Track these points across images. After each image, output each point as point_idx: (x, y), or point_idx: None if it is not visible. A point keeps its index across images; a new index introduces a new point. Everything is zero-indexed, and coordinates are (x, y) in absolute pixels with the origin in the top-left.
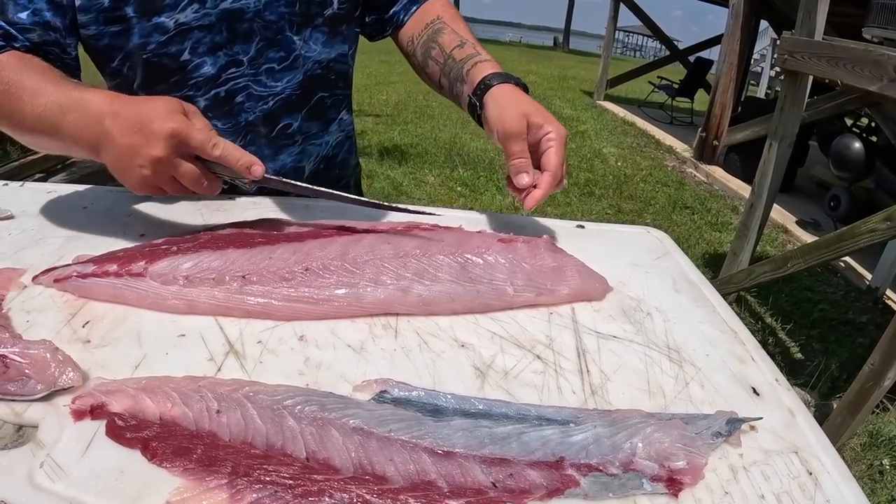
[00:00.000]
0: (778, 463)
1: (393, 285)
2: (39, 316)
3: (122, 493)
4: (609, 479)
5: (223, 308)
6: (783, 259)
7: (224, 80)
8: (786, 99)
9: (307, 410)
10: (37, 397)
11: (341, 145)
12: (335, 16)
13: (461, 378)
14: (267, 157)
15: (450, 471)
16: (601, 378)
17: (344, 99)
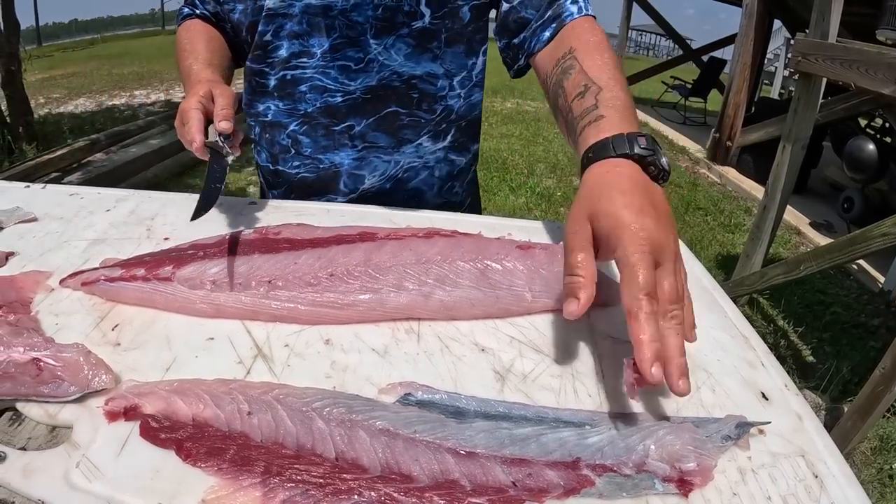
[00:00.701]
0: (785, 466)
1: (415, 291)
2: (68, 319)
3: (159, 492)
4: (623, 480)
5: (250, 312)
6: (796, 262)
7: (293, 65)
8: (799, 101)
9: (335, 412)
10: (70, 399)
11: (416, 172)
12: (425, 30)
13: (482, 381)
14: (326, 148)
15: (472, 470)
16: (616, 382)
17: (427, 124)
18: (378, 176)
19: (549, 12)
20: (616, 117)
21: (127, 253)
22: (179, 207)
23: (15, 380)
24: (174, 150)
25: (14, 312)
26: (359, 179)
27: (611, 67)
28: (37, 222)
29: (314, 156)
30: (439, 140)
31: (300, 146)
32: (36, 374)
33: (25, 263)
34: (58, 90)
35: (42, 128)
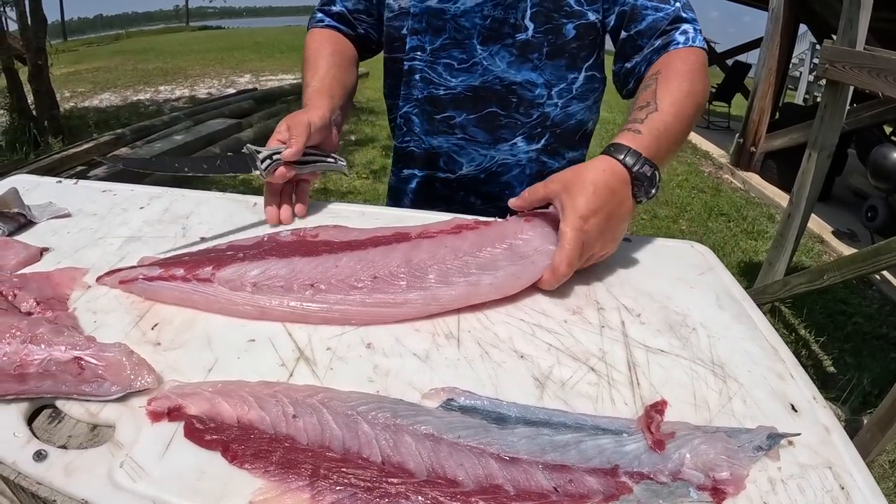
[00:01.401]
0: (813, 477)
1: (463, 282)
2: (106, 317)
3: (205, 494)
4: (659, 487)
5: (297, 315)
6: (819, 271)
7: (411, 57)
8: (826, 108)
9: (380, 416)
10: (112, 399)
11: (509, 168)
12: (527, 42)
13: (522, 388)
14: (428, 132)
15: (515, 476)
16: (651, 391)
17: (523, 126)
18: (474, 166)
19: (658, 41)
20: (646, 137)
21: (163, 251)
22: (214, 207)
23: (56, 378)
24: (199, 145)
25: (52, 309)
26: (457, 164)
27: (678, 95)
28: (70, 218)
29: (420, 135)
30: (533, 142)
31: (412, 125)
32: (77, 373)
33: (60, 259)
34: (83, 84)
35: (68, 121)
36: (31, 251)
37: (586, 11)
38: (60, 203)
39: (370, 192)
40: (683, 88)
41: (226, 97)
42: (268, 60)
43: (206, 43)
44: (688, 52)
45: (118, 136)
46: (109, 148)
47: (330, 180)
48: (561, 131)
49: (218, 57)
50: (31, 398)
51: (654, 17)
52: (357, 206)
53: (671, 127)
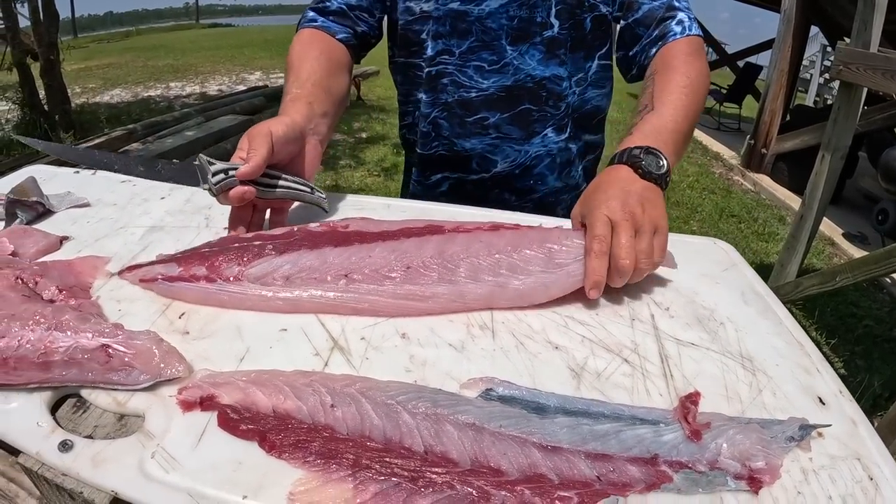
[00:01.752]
0: (843, 468)
1: (492, 281)
2: (131, 305)
3: (244, 485)
4: (698, 476)
5: (329, 306)
6: (831, 273)
7: (437, 62)
8: (840, 110)
9: (420, 406)
10: (141, 387)
11: (540, 160)
12: (554, 39)
13: (558, 378)
14: (459, 135)
15: (558, 464)
16: (684, 383)
17: (552, 118)
18: (509, 163)
19: (655, 32)
20: (638, 137)
21: (186, 241)
22: None
23: (82, 366)
24: (210, 141)
25: (75, 297)
26: (491, 163)
27: (674, 91)
28: (89, 208)
29: (450, 139)
30: (562, 132)
31: (440, 129)
32: (105, 361)
33: (81, 248)
34: (94, 81)
35: (79, 116)
36: (50, 239)
37: (598, 4)
38: (79, 193)
39: (381, 189)
40: (678, 81)
41: (236, 94)
42: (278, 58)
43: (217, 40)
44: (684, 42)
45: (129, 131)
46: (121, 143)
47: (341, 177)
48: (579, 116)
49: (228, 54)
50: (55, 387)
51: (650, 6)
52: (382, 198)
53: (662, 122)
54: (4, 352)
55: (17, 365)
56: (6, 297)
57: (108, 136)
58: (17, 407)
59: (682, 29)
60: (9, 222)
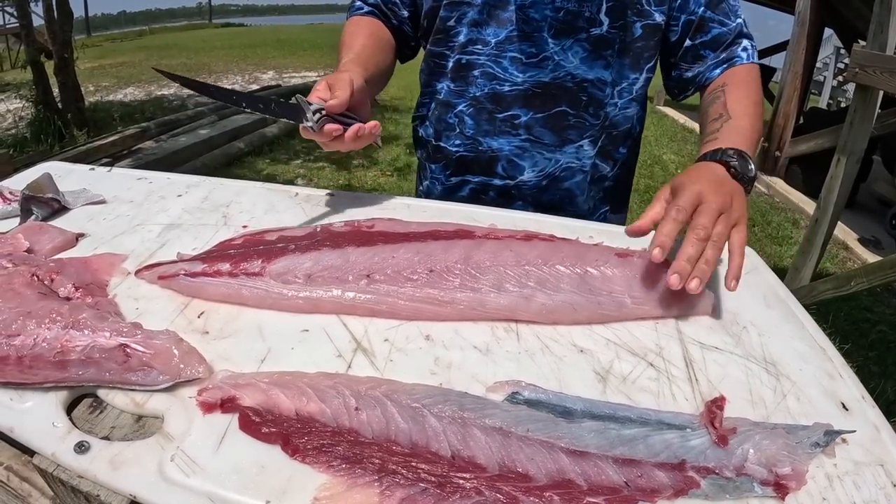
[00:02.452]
0: (867, 474)
1: (516, 293)
2: (149, 304)
3: (267, 489)
4: (725, 482)
5: (348, 307)
6: (846, 277)
7: (469, 51)
8: (855, 113)
9: (447, 410)
10: (160, 388)
11: (572, 173)
12: (602, 38)
13: (584, 382)
14: (486, 133)
15: (586, 470)
16: (709, 387)
17: (590, 128)
18: (537, 172)
19: (723, 54)
20: (727, 140)
21: (205, 239)
22: (254, 196)
23: (100, 366)
24: (223, 140)
25: (91, 295)
26: (518, 168)
27: (747, 103)
28: (105, 205)
29: (475, 137)
30: (595, 145)
31: (464, 126)
32: (123, 361)
33: (97, 245)
34: (107, 79)
35: (93, 114)
36: (66, 236)
37: (654, 12)
38: (95, 190)
39: (395, 189)
40: (749, 97)
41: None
42: (291, 58)
43: (230, 40)
44: (748, 67)
45: (143, 129)
46: (134, 141)
47: (354, 177)
48: (616, 133)
49: (241, 54)
50: (71, 386)
51: (720, 31)
52: (401, 198)
53: (744, 129)
54: (20, 350)
55: (33, 363)
56: (22, 294)
57: (121, 133)
58: (32, 406)
59: (746, 56)
60: (24, 219)
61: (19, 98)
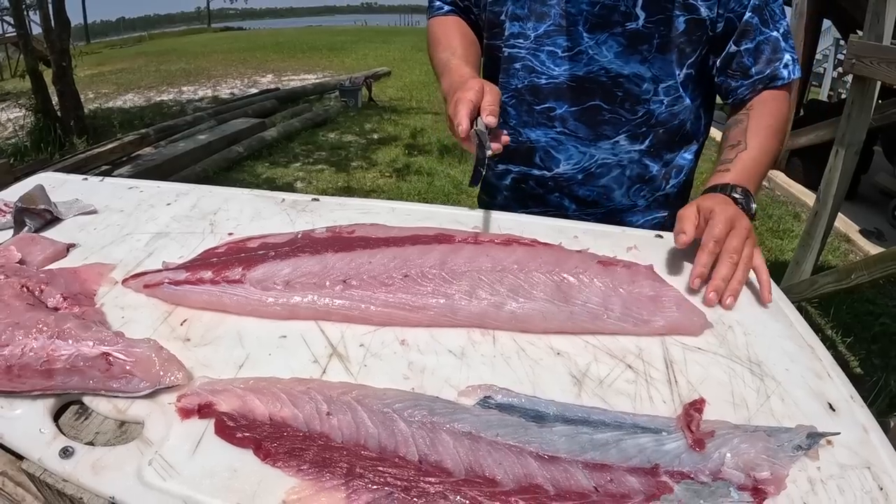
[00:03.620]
0: (852, 478)
1: (487, 300)
2: (134, 312)
3: (238, 492)
4: (700, 487)
5: (323, 312)
6: (847, 270)
7: (511, 44)
8: (853, 104)
9: (417, 415)
10: (141, 395)
11: (609, 169)
12: (637, 33)
13: (560, 385)
14: (526, 124)
15: (555, 475)
16: (689, 389)
17: (626, 123)
18: (572, 165)
19: (767, 70)
20: (737, 176)
21: (191, 247)
22: (242, 203)
23: (84, 374)
24: (222, 145)
25: (79, 305)
26: (553, 161)
27: (767, 134)
28: (97, 214)
29: (516, 127)
30: (636, 142)
31: (507, 116)
32: (105, 369)
33: (88, 255)
34: (107, 86)
35: (92, 122)
36: (57, 247)
37: (700, 6)
38: (87, 200)
39: (394, 190)
40: (771, 126)
41: (249, 97)
42: (290, 60)
43: (228, 44)
44: (783, 91)
45: (143, 135)
46: (134, 148)
47: (353, 178)
48: (664, 131)
49: (240, 57)
50: (57, 394)
51: (760, 38)
52: (386, 202)
53: (755, 161)
54: (9, 360)
55: (21, 372)
56: (11, 305)
57: (120, 140)
58: (20, 414)
59: (787, 73)
60: (17, 230)
61: (19, 107)
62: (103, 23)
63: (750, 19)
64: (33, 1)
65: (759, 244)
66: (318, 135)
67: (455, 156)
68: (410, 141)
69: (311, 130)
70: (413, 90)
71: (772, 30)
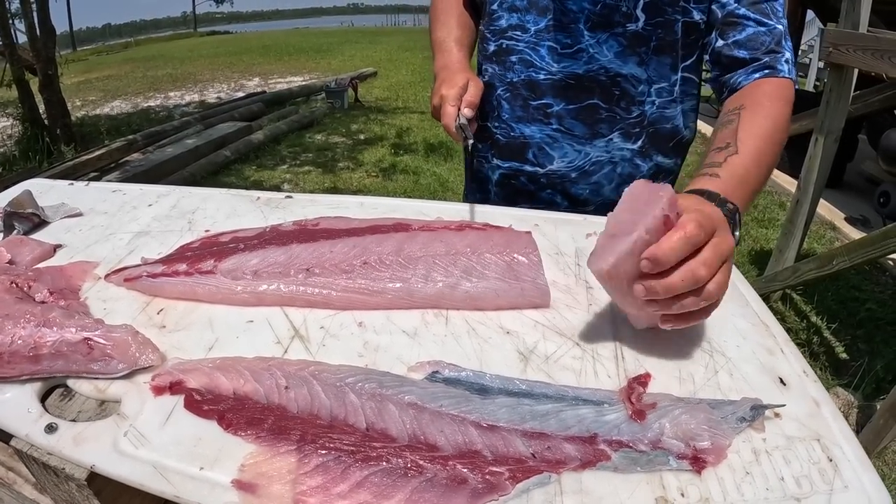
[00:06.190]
0: (800, 449)
1: (442, 282)
2: (115, 304)
3: (201, 457)
4: (638, 455)
5: (288, 298)
6: (828, 257)
7: (509, 36)
8: (831, 93)
9: (367, 387)
10: (119, 375)
11: (600, 166)
12: (637, 34)
13: (506, 361)
14: (520, 119)
15: (494, 442)
16: (635, 365)
17: (621, 122)
18: (566, 163)
19: (766, 58)
20: (726, 182)
21: (170, 244)
22: (219, 202)
23: (67, 358)
24: (209, 149)
25: (64, 298)
26: (547, 158)
27: (759, 137)
28: (82, 217)
29: (508, 122)
30: (628, 141)
31: (501, 110)
32: (87, 353)
33: (73, 255)
34: (94, 93)
35: (80, 129)
36: (45, 248)
37: (692, 9)
38: (73, 204)
39: (380, 189)
40: (765, 129)
41: (235, 101)
42: (276, 63)
43: (215, 48)
44: (783, 84)
45: (130, 142)
46: (121, 154)
47: (340, 179)
48: (655, 132)
49: (227, 61)
50: (44, 378)
51: (756, 30)
52: (355, 196)
53: (745, 169)
54: (0, 347)
55: (11, 359)
56: (2, 299)
57: (108, 147)
58: (10, 396)
59: (786, 70)
60: (7, 233)
61: (6, 116)
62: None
63: (737, 10)
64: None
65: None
66: (304, 137)
67: (441, 154)
68: (397, 140)
69: (298, 133)
70: (399, 90)
71: (769, 22)
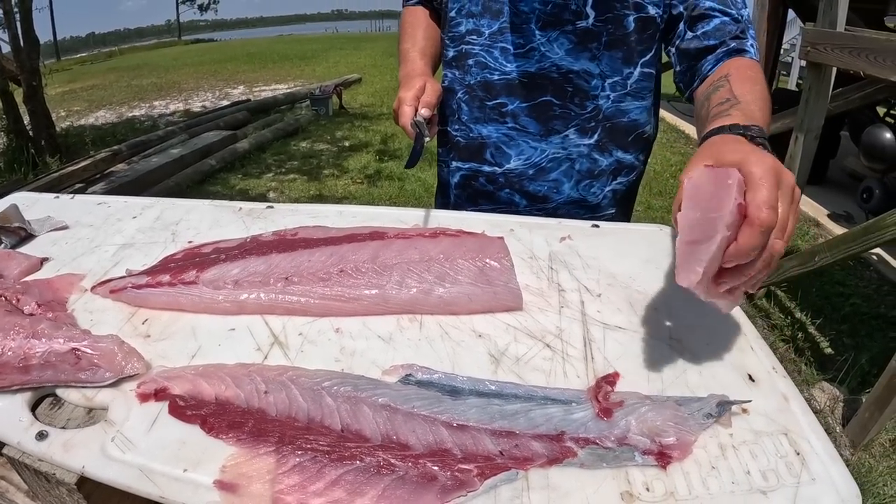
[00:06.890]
0: (767, 443)
1: (416, 288)
2: (102, 315)
3: (185, 460)
4: (604, 452)
5: (268, 307)
6: (810, 253)
7: (466, 41)
8: (810, 91)
9: (342, 390)
10: (106, 384)
11: (558, 163)
12: (588, 31)
13: (477, 364)
14: (477, 120)
15: (463, 441)
16: (604, 365)
17: (576, 118)
18: (523, 160)
19: (733, 44)
20: (740, 118)
21: (154, 256)
22: (202, 213)
23: (56, 368)
24: (194, 158)
25: (52, 310)
26: (504, 157)
27: (755, 94)
28: (68, 230)
29: (467, 124)
30: (585, 136)
31: (460, 113)
32: (75, 363)
33: (60, 267)
34: (78, 103)
35: (65, 140)
36: (32, 261)
37: (647, 5)
38: (59, 217)
39: (365, 196)
40: (758, 90)
41: (220, 109)
42: (260, 71)
43: (199, 56)
44: (752, 63)
45: (115, 152)
46: (106, 164)
47: (325, 187)
48: (612, 126)
49: (211, 69)
50: (34, 387)
51: (722, 20)
52: (335, 206)
53: (755, 113)
54: None
55: (2, 370)
56: None
57: (93, 158)
58: (2, 406)
59: (752, 52)
60: None
61: None
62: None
63: (702, 3)
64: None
65: None
66: (289, 144)
67: (425, 160)
68: (381, 147)
69: (283, 140)
70: (384, 96)
71: (733, 11)
